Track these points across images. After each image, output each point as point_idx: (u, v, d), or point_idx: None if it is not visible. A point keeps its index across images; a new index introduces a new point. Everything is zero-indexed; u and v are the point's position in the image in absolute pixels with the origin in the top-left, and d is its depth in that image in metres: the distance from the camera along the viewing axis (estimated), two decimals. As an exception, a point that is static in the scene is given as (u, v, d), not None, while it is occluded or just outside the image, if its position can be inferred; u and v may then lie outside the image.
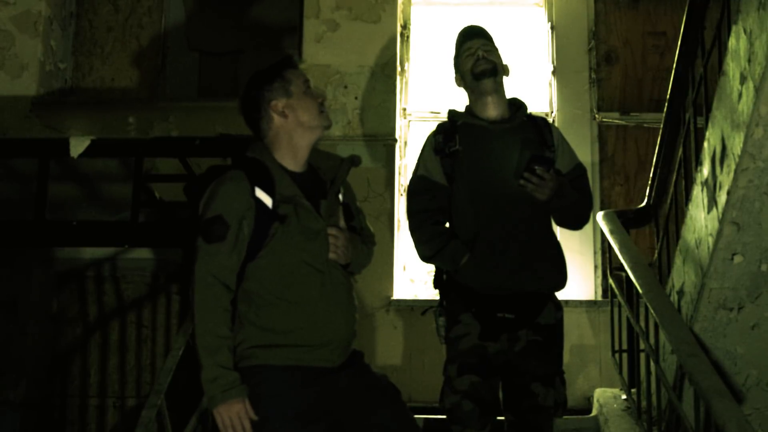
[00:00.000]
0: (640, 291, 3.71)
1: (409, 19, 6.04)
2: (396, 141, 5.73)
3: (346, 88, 5.76)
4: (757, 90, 3.09)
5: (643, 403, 3.99)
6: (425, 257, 3.35)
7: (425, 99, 5.99)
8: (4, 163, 5.53)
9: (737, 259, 3.47)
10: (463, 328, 3.22)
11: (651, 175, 4.62)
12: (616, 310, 4.45)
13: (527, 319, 3.21)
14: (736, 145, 3.26)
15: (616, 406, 4.44)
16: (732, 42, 3.39)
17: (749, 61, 3.19)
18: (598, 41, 5.90)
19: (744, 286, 3.54)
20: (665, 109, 4.45)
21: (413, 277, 5.73)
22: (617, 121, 5.80)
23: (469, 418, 3.13)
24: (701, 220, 3.62)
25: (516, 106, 3.42)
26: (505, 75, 3.37)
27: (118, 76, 6.22)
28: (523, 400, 3.17)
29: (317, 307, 2.68)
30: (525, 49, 5.96)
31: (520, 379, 3.18)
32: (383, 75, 5.79)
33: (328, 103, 4.73)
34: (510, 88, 3.43)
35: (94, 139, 4.61)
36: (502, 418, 3.25)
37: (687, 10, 4.15)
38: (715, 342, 3.70)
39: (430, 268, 3.40)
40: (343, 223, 2.84)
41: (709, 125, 3.58)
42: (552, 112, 5.83)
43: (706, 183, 3.59)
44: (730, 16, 3.52)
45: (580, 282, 5.55)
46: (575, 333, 5.33)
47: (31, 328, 5.71)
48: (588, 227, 4.25)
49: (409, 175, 5.71)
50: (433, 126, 3.62)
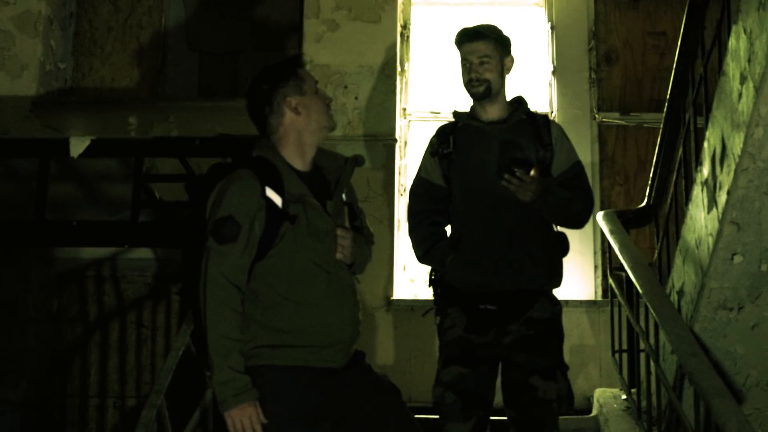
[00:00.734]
0: (640, 291, 3.71)
1: (409, 19, 6.04)
2: (396, 141, 5.73)
3: (346, 88, 5.76)
4: (757, 90, 3.09)
5: (643, 403, 3.99)
6: (418, 257, 3.40)
7: (425, 99, 5.99)
8: (4, 163, 5.52)
9: (737, 259, 3.47)
10: (450, 320, 3.26)
11: (651, 175, 4.62)
12: (616, 310, 4.45)
13: (515, 314, 3.21)
14: (736, 145, 3.26)
15: (616, 406, 4.43)
16: (732, 42, 3.39)
17: (749, 61, 3.19)
18: (598, 41, 5.90)
19: (744, 286, 3.54)
20: (665, 109, 4.45)
21: (413, 277, 5.73)
22: (617, 121, 5.80)
23: (451, 410, 3.14)
24: (701, 220, 3.62)
25: (516, 104, 3.40)
26: (506, 73, 3.36)
27: (118, 76, 6.22)
28: (523, 394, 3.15)
29: (324, 307, 2.68)
30: (525, 49, 5.94)
31: (517, 373, 3.17)
32: (383, 75, 5.79)
33: (328, 103, 4.72)
34: (510, 89, 3.42)
35: (94, 139, 4.61)
36: (504, 418, 3.25)
37: (687, 10, 4.15)
38: (715, 342, 3.70)
39: (429, 268, 3.43)
40: (348, 223, 2.84)
41: (709, 125, 3.58)
42: (552, 112, 5.83)
43: (706, 183, 3.59)
44: (730, 16, 3.52)
45: (580, 282, 5.55)
46: (575, 333, 5.33)
47: (31, 328, 5.70)
48: (588, 227, 4.25)
49: (409, 175, 5.73)
50: (433, 126, 3.62)
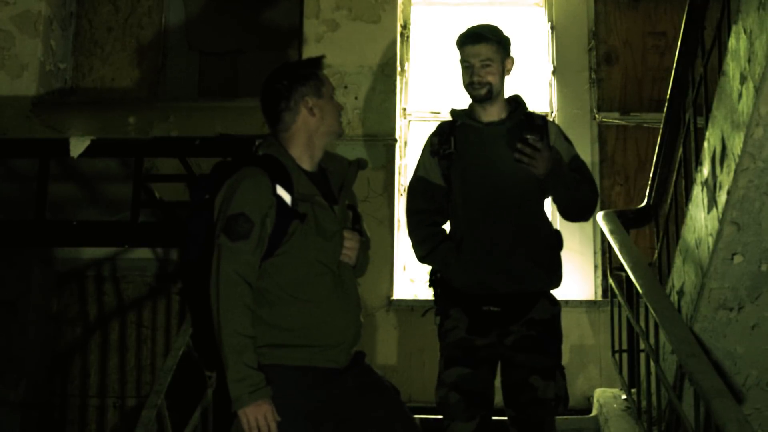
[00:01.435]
0: (640, 291, 3.71)
1: (409, 19, 6.04)
2: (396, 141, 5.73)
3: (346, 88, 5.76)
4: (757, 90, 3.09)
5: (643, 403, 3.99)
6: (419, 257, 3.39)
7: (425, 99, 5.99)
8: (4, 163, 5.52)
9: (737, 259, 3.47)
10: (451, 322, 3.26)
11: (651, 175, 4.62)
12: (616, 310, 4.45)
13: (517, 315, 3.22)
14: (736, 145, 3.26)
15: (616, 406, 4.44)
16: (732, 42, 3.39)
17: (749, 61, 3.19)
18: (598, 41, 5.90)
19: (744, 286, 3.54)
20: (665, 109, 4.45)
21: (413, 277, 5.73)
22: (617, 121, 5.80)
23: (455, 410, 3.15)
24: (701, 220, 3.62)
25: (514, 104, 3.40)
26: (507, 75, 3.36)
27: (118, 76, 6.22)
28: (522, 393, 3.16)
29: (329, 307, 2.68)
30: (525, 49, 5.94)
31: (517, 373, 3.18)
32: (383, 75, 5.79)
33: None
34: (510, 89, 3.42)
35: (94, 139, 4.61)
36: (504, 418, 3.25)
37: (687, 10, 4.15)
38: (715, 342, 3.70)
39: (429, 269, 3.42)
40: (350, 226, 2.85)
41: (709, 125, 3.58)
42: (552, 112, 5.83)
43: (706, 183, 3.59)
44: (730, 16, 3.52)
45: (580, 282, 5.55)
46: (575, 333, 5.33)
47: (31, 328, 5.70)
48: (588, 227, 4.26)
49: (409, 175, 5.72)
50: (433, 126, 3.61)
